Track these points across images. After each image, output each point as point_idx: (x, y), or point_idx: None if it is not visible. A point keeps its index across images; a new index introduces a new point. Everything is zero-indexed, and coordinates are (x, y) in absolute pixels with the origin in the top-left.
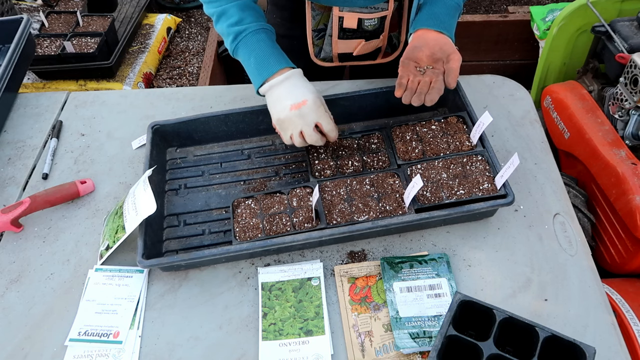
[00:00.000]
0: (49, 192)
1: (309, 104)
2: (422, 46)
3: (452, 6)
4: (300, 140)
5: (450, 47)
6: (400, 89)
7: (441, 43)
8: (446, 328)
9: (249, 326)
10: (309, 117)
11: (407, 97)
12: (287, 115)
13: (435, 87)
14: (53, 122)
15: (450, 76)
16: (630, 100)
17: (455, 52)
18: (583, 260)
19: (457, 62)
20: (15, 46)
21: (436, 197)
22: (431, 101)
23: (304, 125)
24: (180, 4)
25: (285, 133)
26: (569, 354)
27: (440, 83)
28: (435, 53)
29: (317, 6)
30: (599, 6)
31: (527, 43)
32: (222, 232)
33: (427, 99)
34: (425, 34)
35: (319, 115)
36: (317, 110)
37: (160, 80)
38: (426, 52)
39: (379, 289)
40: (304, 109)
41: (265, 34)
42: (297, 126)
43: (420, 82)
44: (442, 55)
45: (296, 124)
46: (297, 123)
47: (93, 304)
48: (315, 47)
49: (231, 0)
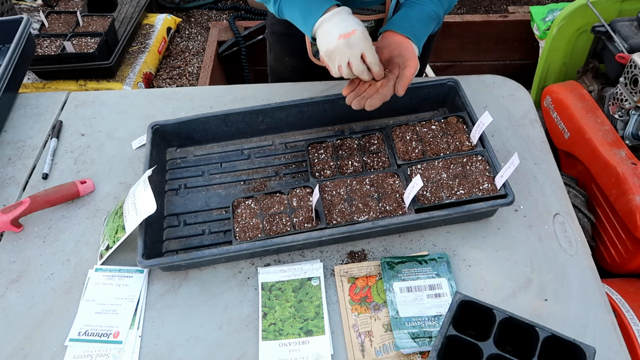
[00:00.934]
0: (49, 192)
1: (358, 34)
2: (383, 48)
3: (429, 14)
4: (347, 71)
5: (410, 53)
6: (349, 88)
7: (403, 48)
8: (446, 328)
9: (249, 326)
10: (356, 47)
11: (351, 98)
12: (336, 44)
13: (380, 92)
14: (53, 122)
15: (400, 82)
16: (630, 100)
17: (413, 60)
18: (583, 260)
19: (412, 69)
20: (15, 46)
21: (436, 197)
22: (371, 106)
23: (351, 55)
24: (180, 4)
25: (333, 64)
26: (569, 354)
27: (388, 89)
28: (394, 57)
29: None
30: (599, 6)
31: (527, 43)
32: (222, 232)
33: (368, 103)
34: (392, 36)
35: (366, 46)
36: (365, 40)
37: (160, 80)
38: (386, 54)
39: (379, 289)
40: (352, 38)
41: None
42: (345, 56)
43: (370, 85)
44: (400, 60)
45: (344, 54)
46: (345, 52)
47: (93, 304)
48: (313, 47)
49: None
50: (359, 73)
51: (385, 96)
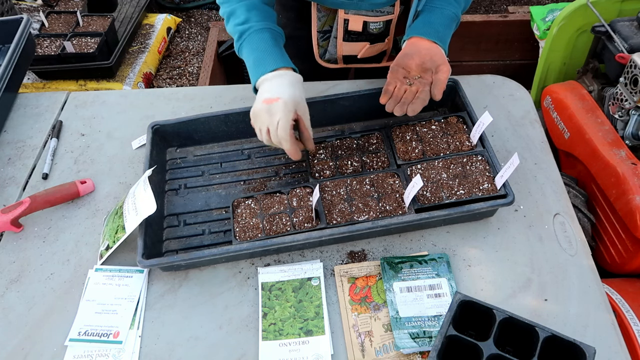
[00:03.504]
0: (49, 192)
1: (279, 103)
2: (413, 54)
3: (449, 16)
4: (266, 138)
5: (441, 58)
6: (385, 96)
7: (432, 53)
8: (446, 328)
9: (249, 326)
10: (275, 115)
11: (391, 105)
12: (259, 108)
13: (420, 97)
14: (53, 122)
15: (437, 87)
16: (630, 100)
17: (445, 64)
18: (583, 260)
19: (445, 73)
20: (15, 46)
21: (436, 197)
22: (413, 111)
23: (269, 122)
24: (180, 4)
25: (255, 126)
26: (569, 354)
27: (426, 94)
28: (425, 62)
29: (323, 8)
30: (599, 6)
31: (527, 43)
32: (222, 232)
33: (410, 108)
34: (418, 42)
35: (282, 116)
36: (284, 112)
37: (160, 80)
38: (416, 60)
39: (379, 289)
40: (274, 105)
41: (269, 33)
42: (264, 122)
43: (406, 91)
44: (432, 65)
45: (263, 120)
46: (264, 118)
47: (93, 304)
48: (320, 48)
49: (240, 1)
50: (276, 142)
51: (425, 101)
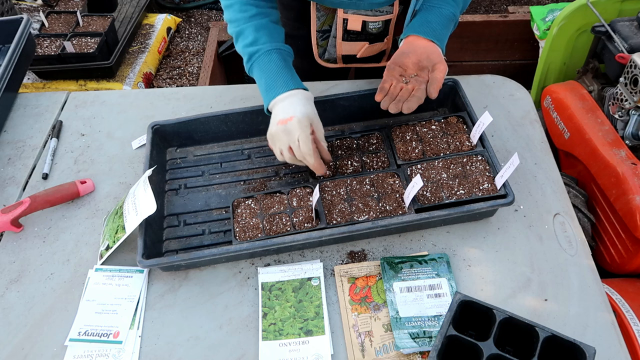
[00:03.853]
0: (49, 192)
1: (293, 121)
2: (409, 52)
3: (447, 16)
4: (289, 156)
5: (437, 56)
6: (381, 93)
7: (429, 51)
8: (446, 328)
9: (249, 326)
10: (294, 133)
11: (386, 102)
12: (275, 129)
13: (415, 95)
14: (53, 122)
15: (433, 85)
16: (630, 100)
17: (441, 62)
18: (583, 260)
19: (442, 72)
20: (15, 46)
21: (436, 197)
22: (408, 109)
23: (290, 141)
24: (180, 4)
25: (275, 147)
26: (569, 354)
27: (422, 92)
28: (422, 61)
29: (322, 7)
30: (599, 6)
31: (527, 43)
32: (222, 232)
33: (405, 106)
34: (415, 41)
35: (300, 133)
36: (301, 128)
37: (160, 80)
38: (413, 58)
39: (379, 289)
40: (289, 124)
41: (279, 54)
42: (283, 142)
43: (402, 89)
44: (428, 63)
45: (282, 140)
46: (283, 139)
47: (93, 304)
48: (320, 47)
49: (248, 21)
50: (301, 158)
51: (420, 99)
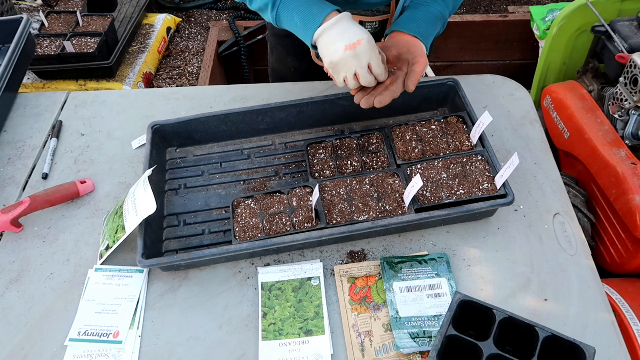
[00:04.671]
0: (49, 192)
1: (364, 44)
2: (391, 47)
3: (435, 14)
4: (354, 82)
5: (419, 50)
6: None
7: (411, 46)
8: (446, 328)
9: (249, 326)
10: (363, 57)
11: (359, 96)
12: (341, 56)
13: (390, 89)
14: (53, 122)
15: (410, 78)
16: (630, 100)
17: (422, 57)
18: (583, 260)
19: (422, 65)
20: (15, 46)
21: (436, 197)
22: (380, 103)
23: (358, 66)
24: (180, 4)
25: (339, 75)
26: (569, 354)
27: (398, 86)
28: (403, 54)
29: None
30: (599, 6)
31: (527, 43)
32: (222, 232)
33: (377, 100)
34: (399, 36)
35: (372, 55)
36: (372, 50)
37: (160, 80)
38: (394, 52)
39: (379, 289)
40: (359, 48)
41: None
42: (351, 67)
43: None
44: (409, 56)
45: (350, 65)
46: (351, 64)
47: (93, 304)
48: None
49: None
50: (366, 84)
51: (395, 93)
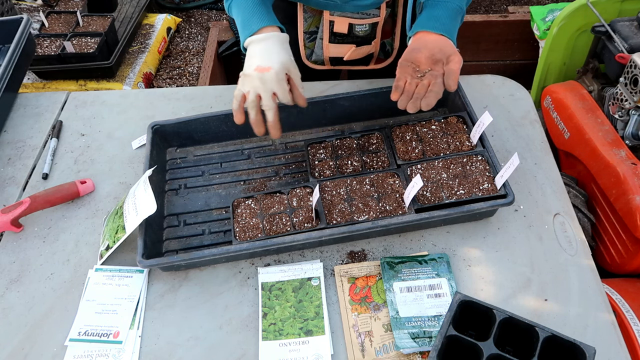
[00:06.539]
0: (49, 192)
1: (270, 73)
2: (421, 48)
3: (454, 9)
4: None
5: (450, 48)
6: (396, 92)
7: (441, 44)
8: (446, 328)
9: (249, 326)
10: (267, 84)
11: (404, 101)
12: (251, 73)
13: (433, 90)
14: (53, 122)
15: (450, 78)
16: (630, 100)
17: (455, 54)
18: (583, 260)
19: (457, 63)
20: (15, 46)
21: (436, 197)
22: (427, 105)
23: (262, 90)
24: (180, 4)
25: (243, 87)
26: (569, 354)
27: (439, 86)
28: (435, 54)
29: (309, 9)
30: (599, 6)
31: (527, 43)
32: (222, 232)
33: (424, 103)
34: (425, 36)
35: (277, 86)
36: (277, 82)
37: (160, 80)
38: (425, 53)
39: (379, 289)
40: (266, 75)
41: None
42: (255, 87)
43: (417, 85)
44: (442, 56)
45: (256, 85)
46: (257, 85)
47: (93, 304)
48: (307, 49)
49: None
50: (265, 107)
51: (439, 93)
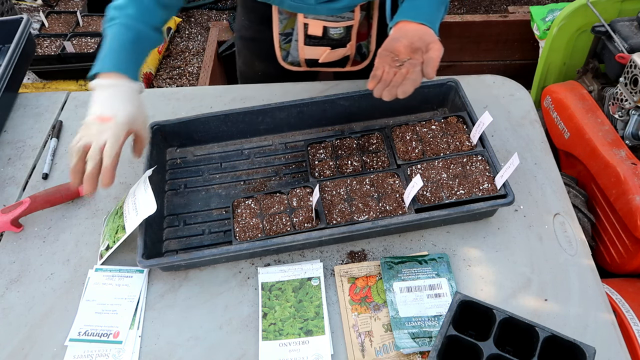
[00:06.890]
0: (49, 192)
1: (111, 124)
2: (400, 37)
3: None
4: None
5: (430, 36)
6: (373, 81)
7: (421, 33)
8: (446, 328)
9: (249, 326)
10: (104, 134)
11: (379, 89)
12: (92, 121)
13: (410, 77)
14: (53, 122)
15: (429, 66)
16: (630, 100)
17: (435, 42)
18: (583, 260)
19: (437, 51)
20: (15, 46)
21: (436, 197)
22: (404, 93)
23: (96, 140)
24: None
25: (79, 132)
26: (569, 354)
27: (417, 74)
28: (414, 42)
29: (284, 10)
30: (599, 6)
31: (527, 43)
32: (222, 232)
33: (400, 90)
34: (406, 26)
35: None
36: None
37: (160, 80)
38: (404, 42)
39: (379, 289)
40: (106, 125)
41: (133, 33)
42: (91, 136)
43: (395, 74)
44: (422, 44)
45: (92, 134)
46: (93, 134)
47: (93, 304)
48: (283, 50)
49: None
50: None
51: (416, 81)
